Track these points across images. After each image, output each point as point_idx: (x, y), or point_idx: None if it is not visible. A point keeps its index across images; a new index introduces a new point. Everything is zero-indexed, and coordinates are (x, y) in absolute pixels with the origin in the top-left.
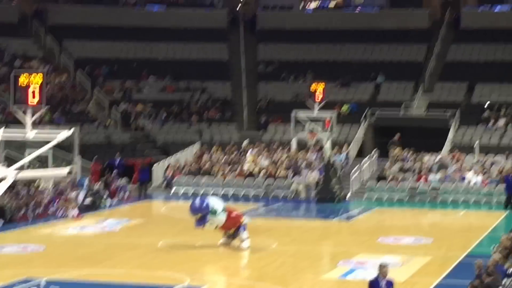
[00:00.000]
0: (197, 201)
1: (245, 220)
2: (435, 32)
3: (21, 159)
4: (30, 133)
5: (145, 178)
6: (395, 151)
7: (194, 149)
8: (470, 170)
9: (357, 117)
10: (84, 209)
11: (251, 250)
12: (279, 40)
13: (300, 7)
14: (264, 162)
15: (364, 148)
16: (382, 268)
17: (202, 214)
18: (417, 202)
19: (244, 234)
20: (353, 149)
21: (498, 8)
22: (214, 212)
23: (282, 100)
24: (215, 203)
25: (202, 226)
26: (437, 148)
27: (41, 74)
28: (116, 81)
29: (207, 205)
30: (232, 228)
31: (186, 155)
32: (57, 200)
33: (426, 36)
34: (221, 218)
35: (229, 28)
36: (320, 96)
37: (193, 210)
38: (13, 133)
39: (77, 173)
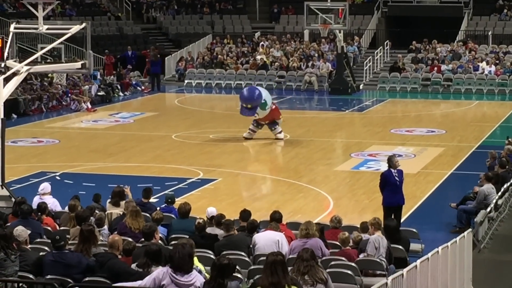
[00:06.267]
0: (251, 90)
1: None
2: None
3: (34, 53)
4: (42, 27)
5: (157, 70)
6: None
7: (206, 40)
8: (483, 60)
9: (370, 7)
10: (97, 102)
11: (264, 143)
12: None
13: None
14: (276, 53)
15: (376, 39)
16: (393, 159)
17: (253, 104)
18: (431, 92)
19: (279, 128)
20: (366, 39)
21: None
22: (264, 104)
23: None
24: (267, 95)
25: (250, 116)
26: (451, 38)
27: None
28: None
29: (260, 96)
30: (268, 120)
31: (198, 47)
32: (70, 93)
33: None
34: (266, 111)
35: None
36: None
37: (246, 99)
38: (26, 27)
39: (90, 66)
